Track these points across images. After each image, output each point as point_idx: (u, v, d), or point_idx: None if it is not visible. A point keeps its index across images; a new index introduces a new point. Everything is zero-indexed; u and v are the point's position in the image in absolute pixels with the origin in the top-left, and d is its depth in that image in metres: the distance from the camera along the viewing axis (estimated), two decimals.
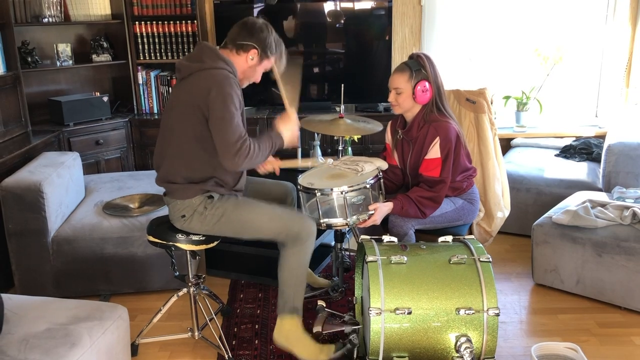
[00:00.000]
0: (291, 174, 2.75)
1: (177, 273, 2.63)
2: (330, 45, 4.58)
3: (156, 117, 4.45)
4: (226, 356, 2.51)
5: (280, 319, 2.49)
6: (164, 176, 2.42)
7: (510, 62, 4.57)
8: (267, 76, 2.59)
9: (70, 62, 4.29)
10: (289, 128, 2.48)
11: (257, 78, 2.52)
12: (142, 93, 4.54)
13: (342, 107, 3.05)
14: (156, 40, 4.42)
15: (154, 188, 3.42)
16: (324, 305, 2.47)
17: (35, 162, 3.21)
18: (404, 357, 2.15)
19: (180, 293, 2.66)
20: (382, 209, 2.50)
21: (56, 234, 3.01)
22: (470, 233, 2.96)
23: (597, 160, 3.93)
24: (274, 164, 2.63)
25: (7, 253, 3.00)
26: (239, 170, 2.39)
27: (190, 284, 2.61)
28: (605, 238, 2.88)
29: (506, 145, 4.41)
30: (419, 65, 2.59)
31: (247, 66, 2.43)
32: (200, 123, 2.28)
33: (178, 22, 4.38)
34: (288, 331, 2.46)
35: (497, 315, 2.12)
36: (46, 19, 4.09)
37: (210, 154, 2.33)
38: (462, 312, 2.11)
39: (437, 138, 2.57)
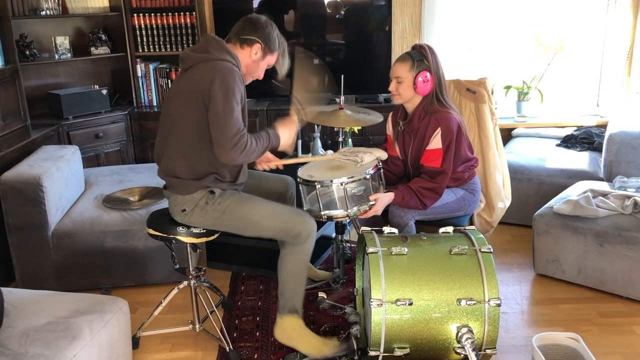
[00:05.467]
0: (291, 168, 2.74)
1: (178, 266, 2.63)
2: (330, 37, 4.55)
3: (155, 109, 4.44)
4: (227, 348, 2.51)
5: (280, 318, 2.49)
6: (165, 169, 2.41)
7: (511, 52, 4.55)
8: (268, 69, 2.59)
9: (69, 55, 4.27)
10: (287, 133, 2.49)
11: (260, 74, 2.52)
12: (141, 86, 4.52)
13: (342, 98, 3.03)
14: (155, 32, 4.40)
15: (154, 181, 3.41)
16: (325, 297, 2.48)
17: (34, 156, 3.21)
18: (406, 348, 2.15)
19: (181, 286, 2.66)
20: (383, 199, 2.49)
21: (56, 227, 3.01)
22: (471, 224, 2.95)
23: (598, 149, 3.91)
24: (276, 162, 2.62)
25: (8, 247, 3.00)
26: (233, 164, 2.37)
27: (190, 277, 2.61)
28: (607, 228, 2.88)
29: (507, 135, 4.39)
30: (421, 56, 2.57)
31: (251, 60, 2.43)
32: (201, 112, 2.26)
33: (176, 13, 4.35)
34: (288, 329, 2.47)
35: (498, 305, 2.12)
36: (44, 12, 4.07)
37: (209, 147, 2.32)
38: (463, 302, 2.11)
39: (439, 129, 2.56)
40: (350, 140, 3.58)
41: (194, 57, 2.32)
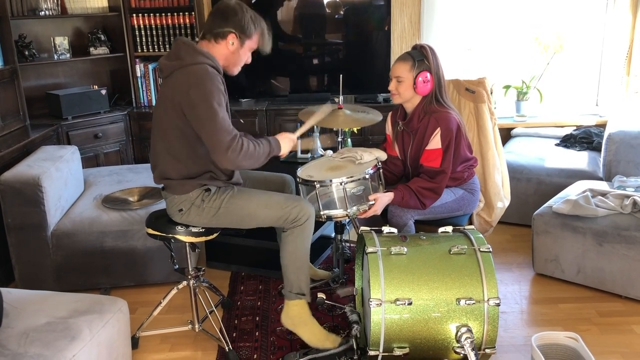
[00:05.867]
0: (290, 166, 2.74)
1: (177, 266, 2.63)
2: (329, 36, 4.55)
3: None
4: (227, 348, 2.51)
5: (287, 304, 2.49)
6: (161, 174, 2.41)
7: (510, 51, 4.55)
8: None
9: (68, 55, 4.27)
10: (288, 143, 2.49)
11: (247, 60, 2.46)
12: (140, 86, 4.52)
13: (341, 97, 3.03)
14: (154, 32, 4.39)
15: (153, 181, 3.41)
16: (324, 298, 2.48)
17: (33, 156, 3.20)
18: (405, 347, 2.15)
19: (180, 286, 2.66)
20: (382, 199, 2.49)
21: (56, 227, 3.01)
22: (470, 223, 2.95)
23: (597, 149, 3.91)
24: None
25: (7, 247, 3.00)
26: (234, 167, 2.36)
27: (190, 277, 2.61)
28: (606, 227, 2.88)
29: (506, 135, 4.39)
30: (422, 56, 2.58)
31: (229, 52, 2.37)
32: (182, 119, 2.26)
33: (175, 13, 4.35)
34: (295, 315, 2.47)
35: (498, 305, 2.12)
36: (43, 12, 4.07)
37: (199, 149, 2.32)
38: (462, 302, 2.11)
39: (438, 129, 2.56)
40: (349, 140, 3.58)
41: (169, 66, 2.30)
